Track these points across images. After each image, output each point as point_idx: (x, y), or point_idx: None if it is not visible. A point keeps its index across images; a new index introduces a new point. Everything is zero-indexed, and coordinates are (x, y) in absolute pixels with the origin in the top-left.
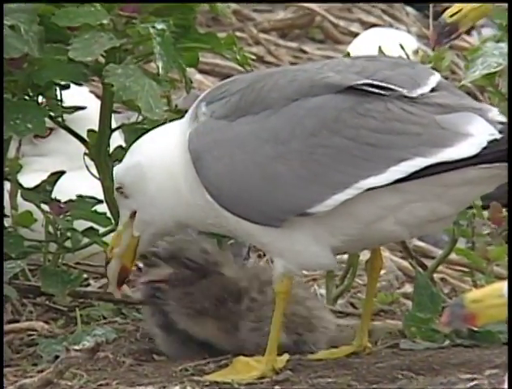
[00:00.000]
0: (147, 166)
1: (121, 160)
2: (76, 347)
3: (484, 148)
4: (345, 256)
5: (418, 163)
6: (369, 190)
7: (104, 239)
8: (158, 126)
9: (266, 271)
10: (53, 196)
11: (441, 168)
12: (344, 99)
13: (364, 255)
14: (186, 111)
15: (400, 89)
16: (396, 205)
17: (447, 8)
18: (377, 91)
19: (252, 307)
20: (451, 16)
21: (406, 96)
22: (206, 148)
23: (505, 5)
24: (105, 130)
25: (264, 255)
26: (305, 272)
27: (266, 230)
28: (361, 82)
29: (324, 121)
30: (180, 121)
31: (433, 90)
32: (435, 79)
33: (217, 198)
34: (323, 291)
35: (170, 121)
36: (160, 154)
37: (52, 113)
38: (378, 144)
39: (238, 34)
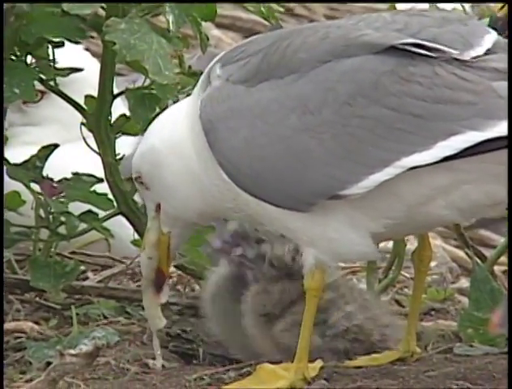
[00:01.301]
0: (161, 149)
1: (124, 133)
2: (72, 351)
3: None
4: (390, 244)
5: (471, 137)
6: (412, 168)
7: (105, 224)
8: (168, 91)
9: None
10: (44, 174)
11: (498, 143)
12: (385, 61)
13: (413, 244)
14: (201, 73)
15: (450, 50)
16: (447, 186)
17: None
18: (423, 52)
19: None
20: (501, 9)
21: (457, 59)
22: (221, 118)
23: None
24: (106, 95)
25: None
26: (342, 264)
27: (293, 215)
28: (405, 41)
29: (360, 86)
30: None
31: (488, 51)
32: (491, 38)
33: (234, 178)
34: (364, 285)
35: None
36: (171, 132)
37: (43, 76)
38: (424, 115)
39: None
